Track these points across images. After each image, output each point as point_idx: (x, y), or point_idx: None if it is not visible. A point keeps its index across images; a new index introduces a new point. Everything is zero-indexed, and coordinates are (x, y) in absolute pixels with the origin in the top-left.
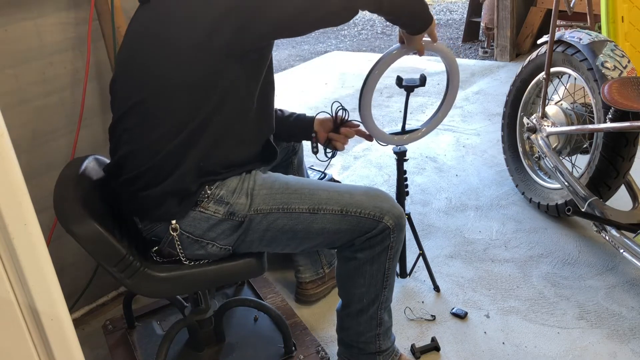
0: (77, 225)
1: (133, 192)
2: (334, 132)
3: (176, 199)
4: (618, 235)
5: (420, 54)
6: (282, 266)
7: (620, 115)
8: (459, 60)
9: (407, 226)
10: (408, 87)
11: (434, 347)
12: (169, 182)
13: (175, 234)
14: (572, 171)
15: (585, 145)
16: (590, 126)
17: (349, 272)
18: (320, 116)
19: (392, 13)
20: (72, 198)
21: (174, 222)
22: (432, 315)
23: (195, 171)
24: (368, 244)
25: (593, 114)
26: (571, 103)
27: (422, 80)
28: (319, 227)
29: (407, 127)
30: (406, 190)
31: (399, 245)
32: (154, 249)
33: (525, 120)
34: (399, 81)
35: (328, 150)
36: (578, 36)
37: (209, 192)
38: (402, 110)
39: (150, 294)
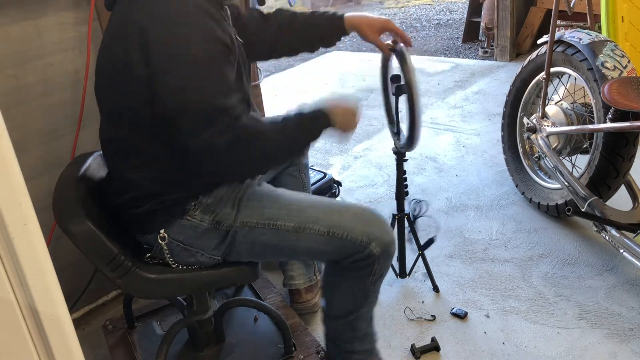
0: (71, 224)
1: (123, 210)
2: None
3: (164, 211)
4: (618, 235)
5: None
6: None
7: (620, 115)
8: (459, 60)
9: (407, 226)
10: (396, 91)
11: (434, 347)
12: (156, 201)
13: (163, 243)
14: (572, 171)
15: (585, 145)
16: (590, 126)
17: (331, 283)
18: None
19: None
20: (70, 196)
21: (162, 231)
22: (432, 315)
23: (183, 191)
24: (353, 266)
25: (593, 114)
26: (571, 103)
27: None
28: (305, 246)
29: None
30: (406, 190)
31: (385, 270)
32: (147, 255)
33: (525, 120)
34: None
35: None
36: (578, 36)
37: (196, 200)
38: (401, 110)
39: (141, 295)
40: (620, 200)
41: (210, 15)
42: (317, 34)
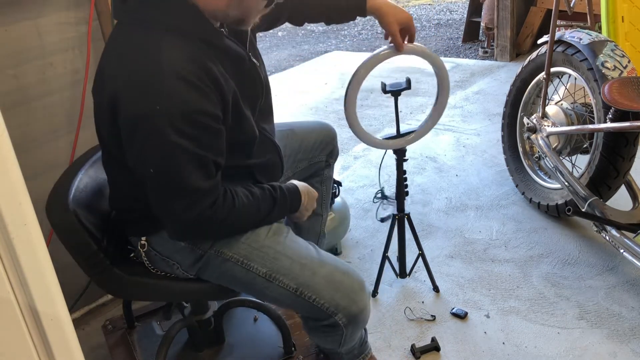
0: (55, 214)
1: (116, 212)
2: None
3: (148, 220)
4: (618, 235)
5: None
6: None
7: (620, 115)
8: (459, 60)
9: (407, 226)
10: (394, 92)
11: (434, 347)
12: (143, 212)
13: (142, 250)
14: (572, 171)
15: (585, 145)
16: (590, 126)
17: (304, 326)
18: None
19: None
20: (63, 187)
21: (143, 238)
22: (432, 315)
23: None
24: (321, 329)
25: (593, 114)
26: (571, 103)
27: (408, 83)
28: (272, 296)
29: (404, 129)
30: (406, 190)
31: (358, 332)
32: (132, 255)
33: (525, 120)
34: (384, 87)
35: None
36: (578, 36)
37: None
38: (402, 110)
39: (116, 294)
40: (620, 200)
41: (193, 84)
42: (335, 5)
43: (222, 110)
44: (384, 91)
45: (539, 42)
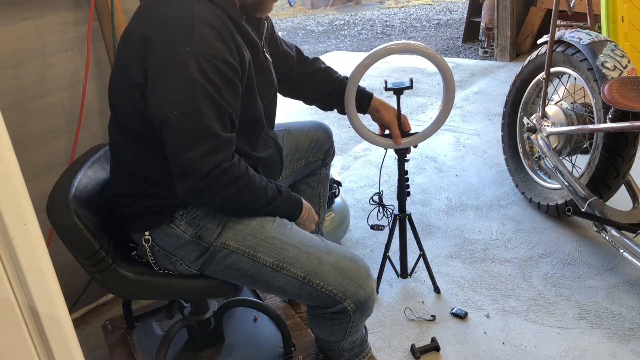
0: (55, 214)
1: (117, 206)
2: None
3: (151, 214)
4: (618, 235)
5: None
6: None
7: (620, 115)
8: (459, 60)
9: (408, 226)
10: (396, 90)
11: (434, 347)
12: (145, 203)
13: (147, 245)
14: (572, 171)
15: (585, 145)
16: (590, 126)
17: (311, 318)
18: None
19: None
20: (63, 187)
21: (147, 233)
22: (432, 316)
23: (173, 198)
24: (329, 317)
25: (593, 114)
26: (571, 103)
27: (410, 82)
28: (279, 285)
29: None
30: (407, 190)
31: (365, 318)
32: (133, 253)
33: (525, 120)
34: (387, 85)
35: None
36: (578, 36)
37: (185, 209)
38: (402, 110)
39: (118, 293)
40: (620, 200)
41: (219, 34)
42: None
43: (240, 67)
44: (387, 89)
45: (538, 42)
